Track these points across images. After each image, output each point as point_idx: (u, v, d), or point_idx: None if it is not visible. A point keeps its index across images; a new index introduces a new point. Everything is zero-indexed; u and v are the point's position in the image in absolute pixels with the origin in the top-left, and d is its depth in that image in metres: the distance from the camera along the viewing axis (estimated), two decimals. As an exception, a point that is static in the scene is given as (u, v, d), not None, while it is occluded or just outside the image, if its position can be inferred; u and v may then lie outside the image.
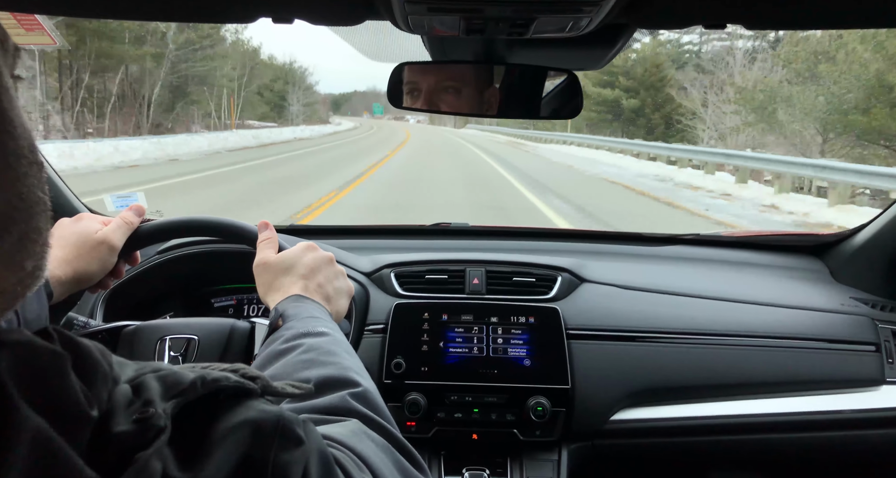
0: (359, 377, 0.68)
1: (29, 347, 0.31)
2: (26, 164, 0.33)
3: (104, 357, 0.36)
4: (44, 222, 0.35)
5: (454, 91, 1.12)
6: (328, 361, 0.69)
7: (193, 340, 0.97)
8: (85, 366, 0.34)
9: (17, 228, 0.32)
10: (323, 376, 0.66)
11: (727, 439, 1.32)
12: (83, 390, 0.32)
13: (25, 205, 0.33)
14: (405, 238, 1.74)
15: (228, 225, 1.02)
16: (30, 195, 0.33)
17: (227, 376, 0.42)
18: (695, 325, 1.35)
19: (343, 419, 0.60)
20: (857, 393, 1.33)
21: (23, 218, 0.32)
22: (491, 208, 9.21)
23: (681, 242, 1.76)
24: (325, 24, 0.86)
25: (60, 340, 0.33)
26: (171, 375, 0.39)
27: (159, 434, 0.34)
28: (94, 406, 0.33)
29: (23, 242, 0.33)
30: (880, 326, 1.38)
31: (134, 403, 0.35)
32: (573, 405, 1.26)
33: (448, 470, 1.26)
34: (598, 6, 0.69)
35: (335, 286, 0.89)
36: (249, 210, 8.32)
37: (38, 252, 0.34)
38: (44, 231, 0.35)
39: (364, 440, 0.56)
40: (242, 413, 0.40)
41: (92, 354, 0.35)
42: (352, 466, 0.50)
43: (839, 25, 0.93)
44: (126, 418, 0.34)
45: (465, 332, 1.31)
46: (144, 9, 0.88)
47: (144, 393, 0.36)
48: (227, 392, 0.41)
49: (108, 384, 0.35)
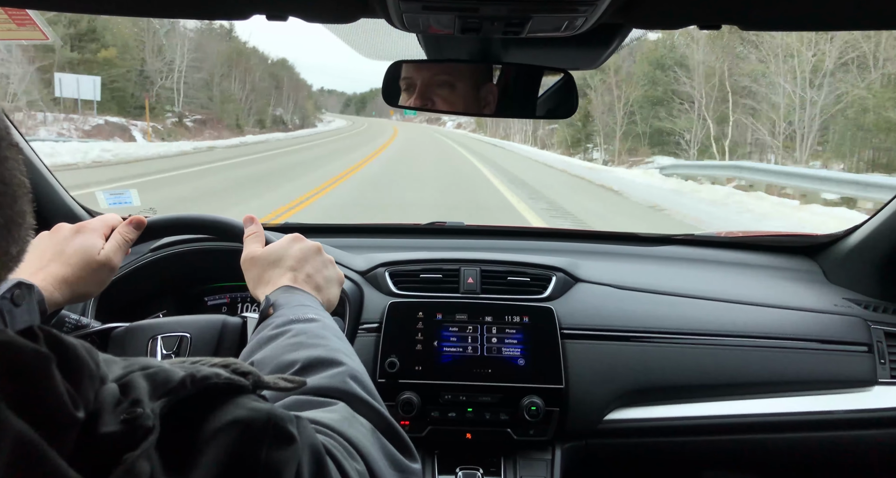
0: (347, 358, 0.68)
1: (11, 347, 0.31)
2: (5, 146, 0.32)
3: (91, 356, 0.35)
4: (27, 205, 0.34)
5: (449, 86, 1.12)
6: (317, 343, 0.69)
7: (185, 338, 0.96)
8: (70, 366, 0.33)
9: (3, 212, 0.31)
10: (311, 357, 0.65)
11: (720, 438, 1.32)
12: (69, 391, 0.32)
13: (9, 189, 0.32)
14: (400, 237, 1.73)
15: (213, 221, 1.02)
16: (12, 179, 0.33)
17: (218, 373, 0.41)
18: (688, 325, 1.36)
19: (331, 402, 0.60)
20: (850, 393, 1.33)
21: (7, 203, 0.32)
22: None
23: (675, 242, 1.76)
24: (320, 22, 0.86)
25: (46, 339, 0.33)
26: (160, 372, 0.38)
27: (147, 435, 0.33)
28: (79, 407, 0.32)
29: (8, 228, 0.32)
30: (873, 327, 1.39)
31: (122, 402, 0.34)
32: (567, 405, 1.26)
33: (442, 469, 1.26)
34: (593, 6, 0.69)
35: (324, 275, 0.88)
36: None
37: (22, 237, 0.34)
38: (27, 215, 0.34)
39: (354, 425, 0.56)
40: (232, 412, 0.39)
41: (78, 354, 0.34)
42: (343, 455, 0.49)
43: (835, 26, 0.93)
44: (113, 418, 0.33)
45: (459, 331, 1.31)
46: (136, 5, 0.87)
47: (132, 392, 0.35)
48: (217, 390, 0.40)
49: (94, 384, 0.34)
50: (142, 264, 1.33)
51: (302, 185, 11.38)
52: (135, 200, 1.97)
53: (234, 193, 10.13)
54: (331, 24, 0.89)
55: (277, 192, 10.34)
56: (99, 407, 0.33)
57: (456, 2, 0.71)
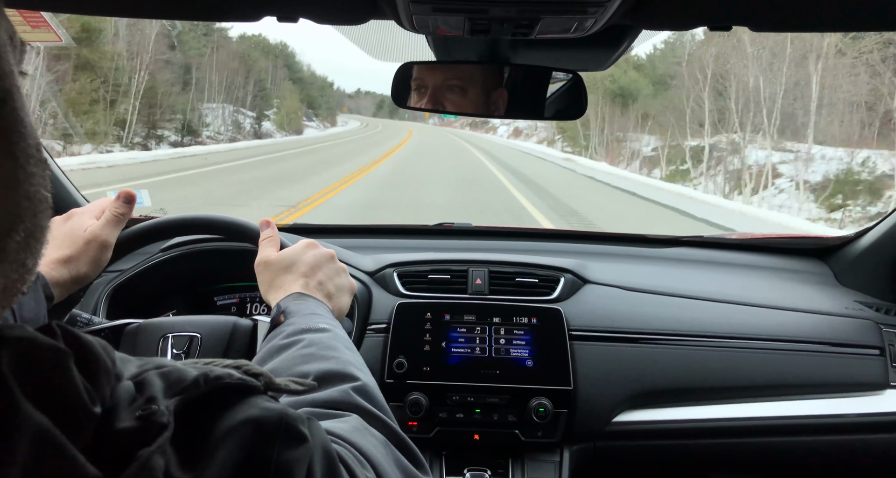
0: (359, 372, 0.68)
1: (31, 343, 0.31)
2: (34, 162, 0.33)
3: (107, 353, 0.36)
4: (47, 220, 0.35)
5: (460, 90, 1.12)
6: (328, 355, 0.69)
7: (196, 338, 0.97)
8: (88, 362, 0.34)
9: (24, 226, 0.32)
10: (323, 370, 0.66)
11: (730, 442, 1.31)
12: (86, 387, 0.32)
13: (32, 204, 0.33)
14: (408, 238, 1.74)
15: (230, 223, 1.02)
16: (36, 194, 0.33)
17: (230, 373, 0.42)
18: (698, 327, 1.35)
19: (344, 414, 0.60)
20: (861, 397, 1.32)
21: (28, 216, 0.33)
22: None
23: (684, 243, 1.76)
24: (330, 23, 0.86)
25: (63, 336, 0.33)
26: (174, 371, 0.39)
27: (162, 431, 0.34)
28: (96, 402, 0.32)
29: (27, 241, 0.33)
30: (885, 330, 1.38)
31: (136, 400, 0.35)
32: (575, 407, 1.26)
33: (449, 470, 1.26)
34: (603, 7, 0.69)
35: (336, 283, 0.89)
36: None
37: (38, 250, 0.34)
38: (46, 229, 0.35)
39: (366, 436, 0.56)
40: (245, 411, 0.40)
41: (95, 351, 0.35)
42: (354, 463, 0.50)
43: (845, 28, 0.92)
44: (129, 414, 0.34)
45: (467, 332, 1.31)
46: (150, 7, 0.88)
47: (147, 390, 0.36)
48: (230, 389, 0.41)
49: (110, 381, 0.35)
50: (153, 264, 1.34)
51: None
52: (146, 200, 1.98)
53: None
54: (341, 25, 0.90)
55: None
56: (115, 403, 0.34)
57: (465, 3, 0.71)
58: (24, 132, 0.32)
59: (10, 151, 0.31)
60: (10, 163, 0.31)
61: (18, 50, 0.34)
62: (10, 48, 0.34)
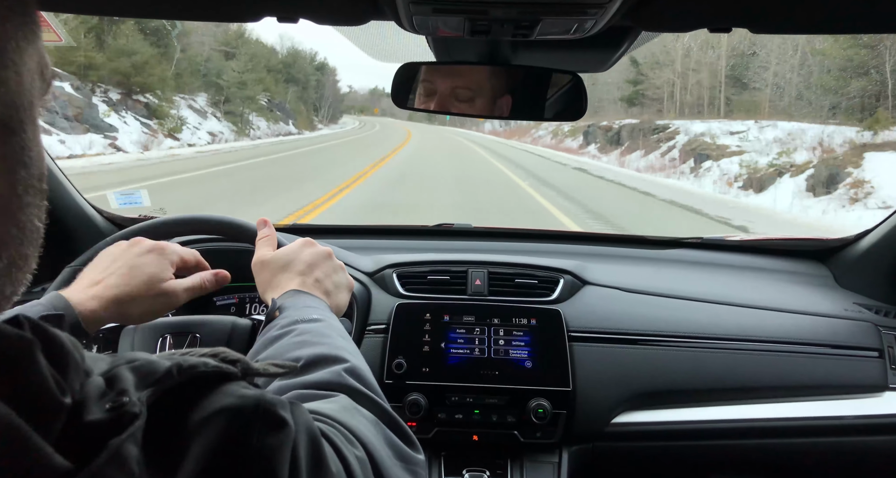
0: (350, 356, 0.68)
1: None
2: (33, 193, 0.33)
3: (76, 349, 0.35)
4: (33, 250, 0.34)
5: (468, 100, 1.13)
6: (320, 341, 0.69)
7: (195, 338, 0.97)
8: (56, 354, 0.33)
9: (7, 254, 0.32)
10: (314, 354, 0.66)
11: (728, 443, 1.31)
12: (55, 377, 0.31)
13: (21, 233, 0.33)
14: (408, 238, 1.74)
15: (227, 223, 1.02)
16: (28, 224, 0.33)
17: (206, 362, 0.41)
18: (697, 328, 1.35)
19: (333, 395, 0.59)
20: (860, 399, 1.32)
21: (15, 245, 0.32)
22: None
23: (684, 245, 1.76)
24: (330, 24, 0.86)
25: (31, 328, 0.33)
26: (145, 365, 0.38)
27: (133, 420, 0.33)
28: (66, 393, 0.32)
29: (9, 269, 0.32)
30: (884, 332, 1.38)
31: (107, 394, 0.34)
32: (574, 408, 1.26)
33: (448, 471, 1.26)
34: (603, 8, 0.69)
35: (334, 281, 0.88)
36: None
37: (20, 279, 0.34)
38: (30, 258, 0.34)
39: (355, 415, 0.56)
40: (220, 400, 0.39)
41: (63, 343, 0.34)
42: (342, 441, 0.49)
43: (846, 30, 0.92)
44: (99, 408, 0.33)
45: (466, 333, 1.31)
46: (148, 7, 0.88)
47: (118, 384, 0.35)
48: (205, 378, 0.40)
49: (80, 375, 0.34)
50: None
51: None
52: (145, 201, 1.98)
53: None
54: (341, 26, 0.90)
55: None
56: (84, 397, 0.33)
57: (465, 4, 0.71)
58: (28, 162, 0.32)
59: (10, 181, 0.31)
60: (7, 192, 0.31)
61: (46, 84, 0.34)
62: (39, 82, 0.34)
